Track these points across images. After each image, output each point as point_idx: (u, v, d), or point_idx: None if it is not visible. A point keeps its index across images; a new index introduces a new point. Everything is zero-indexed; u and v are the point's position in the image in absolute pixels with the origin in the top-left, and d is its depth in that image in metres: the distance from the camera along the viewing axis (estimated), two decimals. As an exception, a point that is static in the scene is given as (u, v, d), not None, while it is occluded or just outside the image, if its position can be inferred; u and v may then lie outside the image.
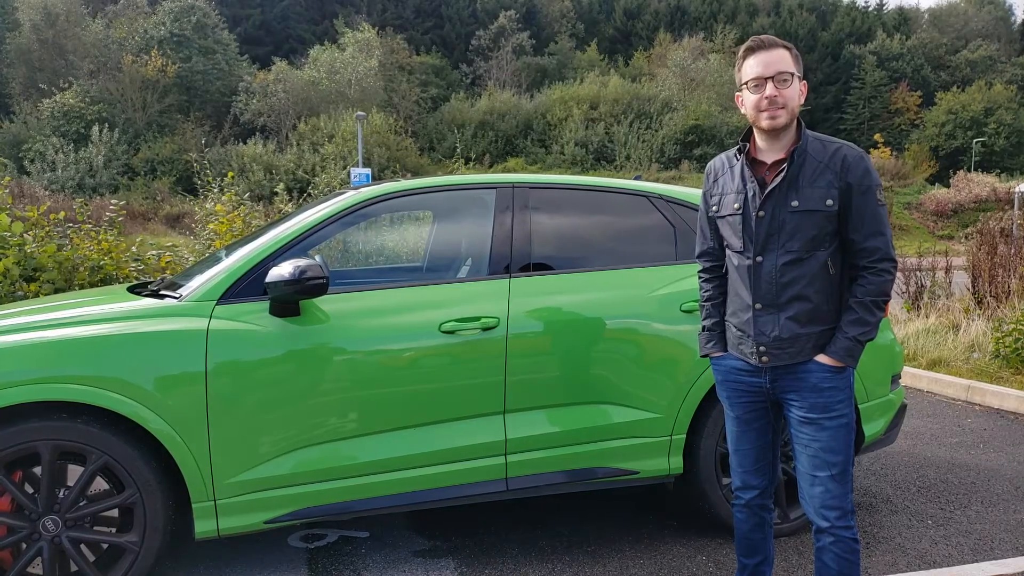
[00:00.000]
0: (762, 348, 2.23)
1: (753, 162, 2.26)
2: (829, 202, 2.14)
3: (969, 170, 39.46)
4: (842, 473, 2.20)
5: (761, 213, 2.20)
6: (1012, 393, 5.46)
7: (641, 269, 3.21)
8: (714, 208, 2.34)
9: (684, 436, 3.12)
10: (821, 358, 2.18)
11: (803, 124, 2.23)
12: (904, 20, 57.28)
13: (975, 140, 42.68)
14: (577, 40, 54.65)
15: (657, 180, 28.47)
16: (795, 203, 2.15)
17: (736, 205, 2.25)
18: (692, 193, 3.47)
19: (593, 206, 3.35)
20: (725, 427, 3.10)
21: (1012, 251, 8.08)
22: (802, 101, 2.22)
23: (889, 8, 60.42)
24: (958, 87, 47.08)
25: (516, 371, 2.92)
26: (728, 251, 2.34)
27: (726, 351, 2.37)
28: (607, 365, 3.03)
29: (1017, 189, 23.57)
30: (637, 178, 3.66)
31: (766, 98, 2.15)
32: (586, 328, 3.02)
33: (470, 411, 2.90)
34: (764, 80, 2.15)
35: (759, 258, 2.21)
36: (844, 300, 2.22)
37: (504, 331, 2.91)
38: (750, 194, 2.22)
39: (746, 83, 2.20)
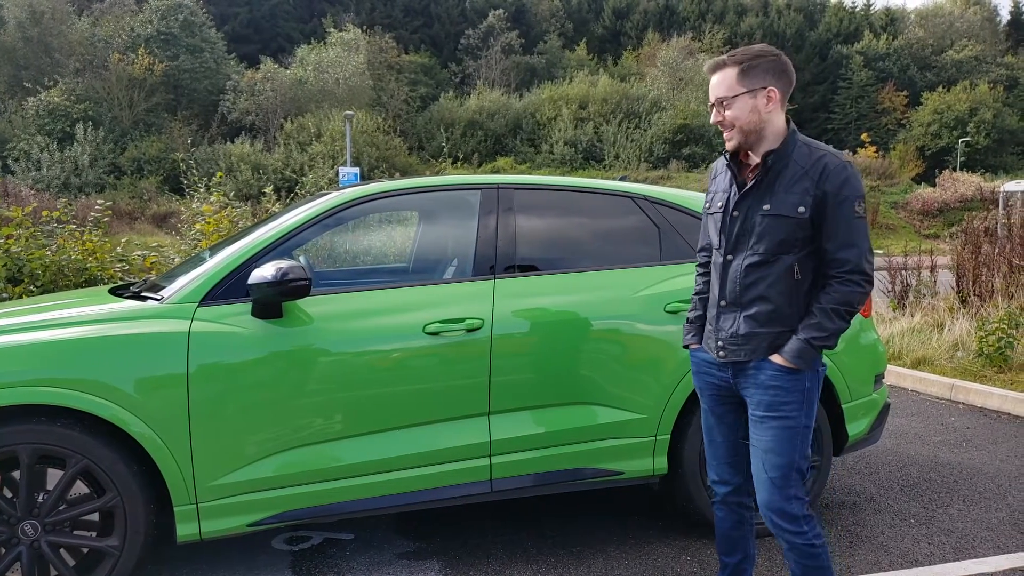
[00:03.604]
0: (720, 343, 2.30)
1: (741, 164, 2.31)
2: (801, 209, 2.14)
3: (955, 169, 39.75)
4: (783, 478, 2.19)
5: (735, 213, 2.26)
6: (995, 392, 5.51)
7: (626, 270, 3.22)
8: (707, 205, 2.42)
9: (668, 436, 3.13)
10: (773, 357, 2.20)
11: (794, 130, 2.23)
12: (891, 20, 57.63)
13: (960, 140, 43.01)
14: (566, 39, 54.67)
15: (646, 179, 28.50)
16: (766, 207, 2.18)
17: (720, 204, 2.32)
18: (676, 194, 3.48)
19: (578, 207, 3.35)
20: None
21: (996, 250, 8.14)
22: (767, 110, 2.17)
23: (876, 8, 60.81)
24: (944, 87, 47.42)
25: (501, 372, 2.92)
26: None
27: (701, 344, 2.44)
28: (592, 366, 3.04)
29: (1001, 189, 23.78)
30: (623, 178, 3.66)
31: (714, 122, 2.25)
32: (571, 329, 3.02)
33: (455, 412, 2.89)
34: (712, 105, 2.25)
35: (729, 257, 2.28)
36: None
37: (488, 332, 2.91)
38: (731, 194, 2.28)
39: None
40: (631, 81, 45.95)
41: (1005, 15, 63.40)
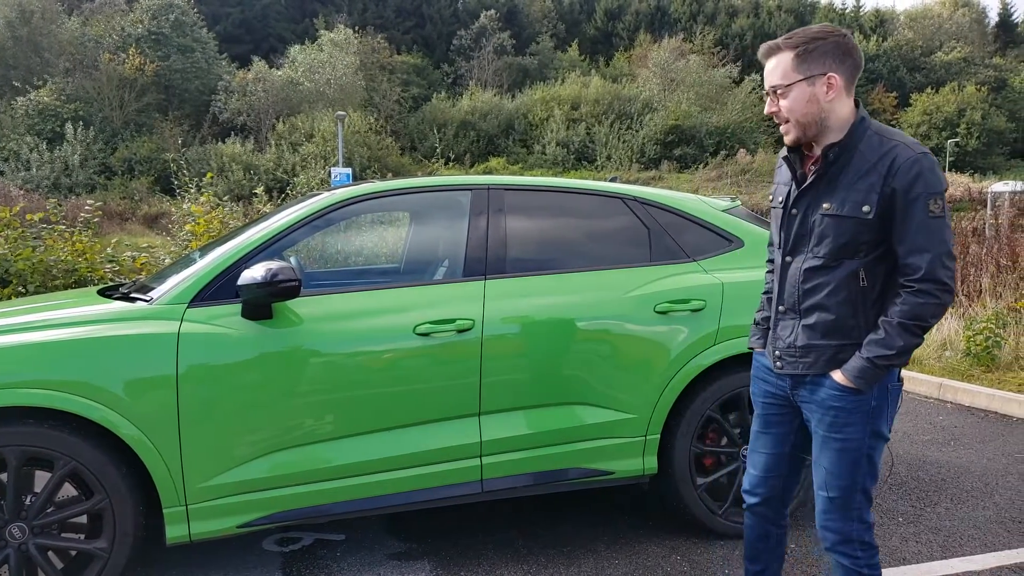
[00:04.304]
0: (777, 353, 2.11)
1: (804, 155, 2.06)
2: (866, 208, 1.89)
3: (944, 170, 39.92)
4: (844, 499, 2.02)
5: (794, 211, 2.04)
6: (983, 391, 5.55)
7: (615, 271, 3.22)
8: (770, 198, 2.20)
9: (659, 436, 3.14)
10: (834, 374, 2.00)
11: (863, 116, 1.97)
12: (880, 22, 58.05)
13: (949, 140, 43.32)
14: (558, 40, 54.78)
15: (637, 180, 28.52)
16: (827, 205, 1.95)
17: (780, 198, 2.11)
18: (667, 195, 3.49)
19: (568, 208, 3.35)
20: (700, 427, 3.16)
21: (984, 251, 8.20)
22: (828, 99, 1.93)
23: (866, 10, 61.19)
24: (933, 88, 47.76)
25: (491, 373, 2.92)
26: None
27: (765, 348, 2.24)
28: (582, 366, 3.04)
29: (990, 189, 23.91)
30: (613, 179, 3.67)
31: (768, 112, 2.03)
32: (561, 329, 3.03)
33: (445, 413, 2.90)
34: (766, 93, 2.02)
35: (788, 258, 2.07)
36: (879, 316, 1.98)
37: (479, 333, 2.91)
38: (791, 189, 2.06)
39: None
40: (623, 82, 46.07)
41: (994, 16, 63.99)
